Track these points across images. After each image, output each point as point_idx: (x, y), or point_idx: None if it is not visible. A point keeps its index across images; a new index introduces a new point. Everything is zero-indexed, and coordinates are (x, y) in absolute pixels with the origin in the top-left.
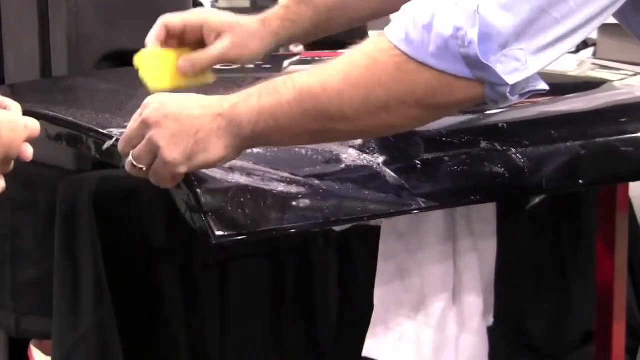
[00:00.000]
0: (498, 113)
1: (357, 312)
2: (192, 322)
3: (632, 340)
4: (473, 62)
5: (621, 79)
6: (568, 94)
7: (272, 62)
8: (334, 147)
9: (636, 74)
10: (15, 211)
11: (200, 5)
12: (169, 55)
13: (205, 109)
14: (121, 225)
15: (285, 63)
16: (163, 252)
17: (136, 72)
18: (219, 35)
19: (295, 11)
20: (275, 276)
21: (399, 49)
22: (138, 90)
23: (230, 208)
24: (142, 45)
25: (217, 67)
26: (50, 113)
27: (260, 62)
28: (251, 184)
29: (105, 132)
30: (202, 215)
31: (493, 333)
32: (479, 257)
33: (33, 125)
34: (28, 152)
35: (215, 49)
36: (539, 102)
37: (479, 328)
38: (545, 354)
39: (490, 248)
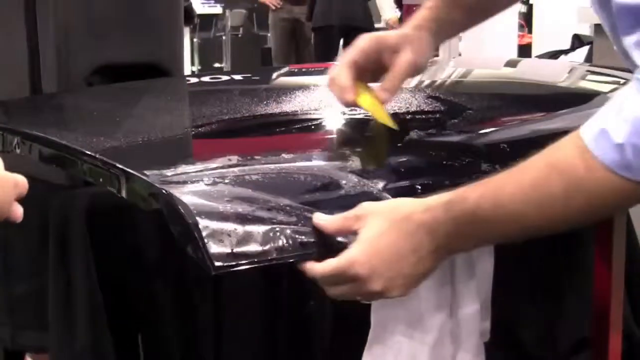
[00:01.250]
0: (493, 132)
1: (353, 329)
2: (187, 337)
3: (627, 345)
4: None
5: (613, 89)
6: (560, 108)
7: (260, 74)
8: (333, 172)
9: (627, 81)
10: (8, 226)
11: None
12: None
13: (419, 252)
14: (114, 241)
15: (274, 75)
16: (157, 268)
17: (127, 89)
18: (395, 51)
19: (444, 8)
20: (270, 292)
21: (617, 175)
22: (130, 110)
23: (229, 238)
24: (133, 59)
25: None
26: (43, 135)
27: (249, 75)
28: (250, 213)
29: (99, 157)
30: (201, 246)
31: (488, 346)
32: (477, 274)
33: (22, 184)
34: (18, 212)
35: (402, 66)
36: (533, 119)
37: (476, 345)
38: None
39: (487, 264)
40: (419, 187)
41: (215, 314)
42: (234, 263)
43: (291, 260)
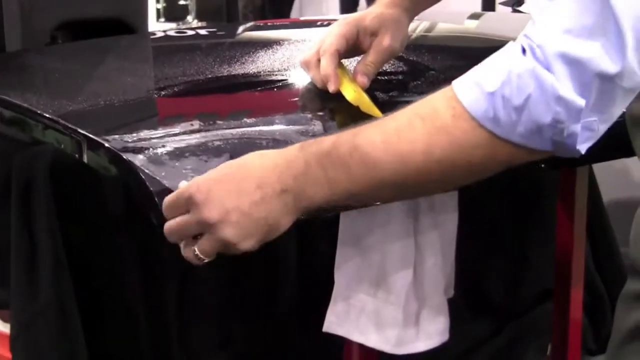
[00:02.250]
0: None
1: (317, 288)
2: (151, 293)
3: (589, 297)
4: (562, 145)
5: None
6: None
7: (226, 29)
8: (295, 137)
9: None
10: None
11: None
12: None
13: (264, 189)
14: (78, 197)
15: (240, 29)
16: (121, 224)
17: (90, 47)
18: (373, 34)
19: None
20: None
21: (484, 127)
22: (93, 71)
23: None
24: (96, 14)
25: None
26: (5, 98)
27: (214, 29)
28: None
29: (61, 121)
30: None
31: (453, 300)
32: (440, 232)
33: None
34: None
35: (380, 51)
36: None
37: (440, 303)
38: (504, 314)
39: (451, 223)
40: None
41: (180, 267)
42: None
43: None
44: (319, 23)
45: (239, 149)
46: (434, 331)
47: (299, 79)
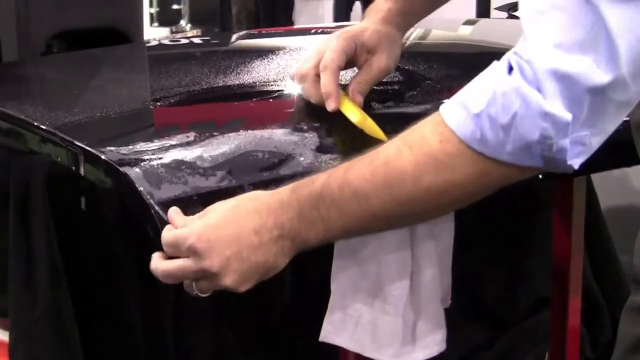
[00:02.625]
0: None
1: (313, 297)
2: (147, 301)
3: (587, 305)
4: (553, 161)
5: None
6: None
7: (219, 37)
8: (291, 149)
9: None
10: None
11: None
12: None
13: (261, 234)
14: (75, 205)
15: (233, 38)
16: (117, 232)
17: (86, 58)
18: (370, 51)
19: (410, 3)
20: None
21: (472, 149)
22: (89, 82)
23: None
24: (92, 24)
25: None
26: (2, 109)
27: (208, 38)
28: (209, 194)
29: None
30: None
31: (449, 308)
32: (437, 242)
33: None
34: None
35: (376, 70)
36: None
37: (437, 313)
38: (501, 322)
39: (447, 232)
40: None
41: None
42: None
43: None
44: (312, 31)
45: (236, 161)
46: (431, 341)
47: (295, 89)
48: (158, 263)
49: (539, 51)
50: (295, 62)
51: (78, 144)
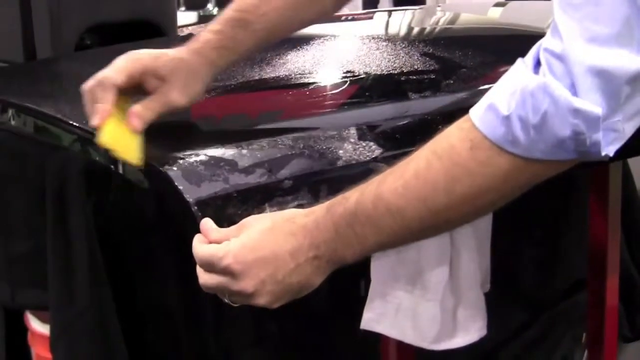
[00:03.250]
0: (485, 88)
1: (353, 285)
2: (187, 292)
3: (624, 285)
4: (587, 154)
5: None
6: None
7: None
8: (330, 143)
9: None
10: (4, 184)
11: None
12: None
13: (297, 257)
14: (112, 200)
15: None
16: (154, 224)
17: (121, 52)
18: (161, 79)
19: (232, 36)
20: None
21: (504, 151)
22: None
23: (225, 218)
24: (125, 17)
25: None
26: (39, 109)
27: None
28: (250, 192)
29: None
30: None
31: (487, 292)
32: (475, 228)
33: None
34: None
35: (163, 102)
36: None
37: (476, 298)
38: (538, 305)
39: (485, 218)
40: None
41: None
42: None
43: None
44: (342, 18)
45: (275, 157)
46: (471, 327)
47: (328, 79)
48: (199, 273)
49: (573, 46)
50: (328, 50)
51: None
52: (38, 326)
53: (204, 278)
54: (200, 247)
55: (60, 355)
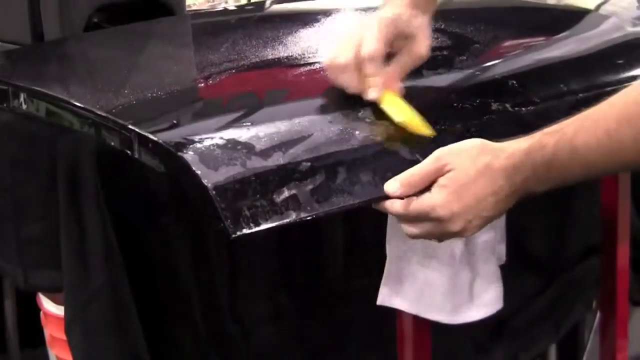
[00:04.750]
0: (498, 63)
1: (369, 260)
2: (201, 270)
3: (634, 250)
4: None
5: (602, 3)
6: (556, 31)
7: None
8: (345, 124)
9: None
10: (14, 166)
11: None
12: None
13: (497, 195)
14: (125, 181)
15: (267, 3)
16: (167, 204)
17: (131, 33)
18: (407, 37)
19: None
20: (284, 233)
21: None
22: (137, 59)
23: (247, 201)
24: None
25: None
26: (51, 93)
27: (243, 4)
28: (267, 173)
29: (111, 117)
30: (220, 211)
31: (502, 267)
32: None
33: None
34: None
35: (415, 58)
36: (532, 46)
37: (493, 271)
38: (551, 270)
39: None
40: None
41: (230, 250)
42: (251, 227)
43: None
44: None
45: (292, 138)
46: (488, 300)
47: None
48: (405, 227)
49: None
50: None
51: (132, 127)
52: (51, 307)
53: (411, 230)
54: (398, 205)
55: (75, 336)
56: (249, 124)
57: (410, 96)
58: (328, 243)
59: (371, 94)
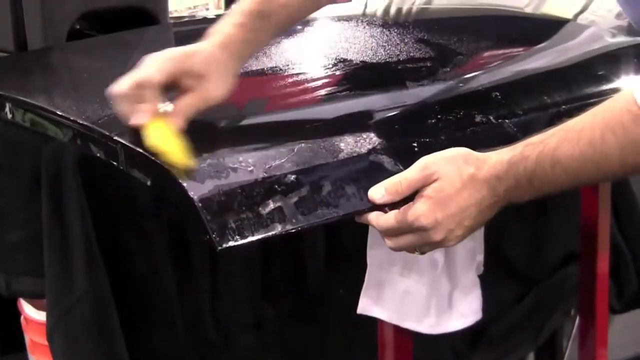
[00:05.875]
0: (480, 74)
1: (350, 269)
2: (183, 277)
3: (613, 258)
4: None
5: (580, 11)
6: (537, 41)
7: None
8: (329, 136)
9: None
10: None
11: None
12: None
13: (480, 205)
14: (107, 188)
15: None
16: (149, 210)
17: (115, 42)
18: (197, 76)
19: (254, 29)
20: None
21: None
22: (122, 70)
23: (233, 215)
24: (117, 4)
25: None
26: (36, 103)
27: (224, 13)
28: (253, 186)
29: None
30: (205, 224)
31: (480, 274)
32: None
33: None
34: None
35: (200, 96)
36: (516, 55)
37: (472, 282)
38: (528, 279)
39: None
40: (415, 146)
41: (212, 257)
42: (237, 239)
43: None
44: None
45: (276, 152)
46: (468, 310)
47: (324, 68)
48: (387, 240)
49: None
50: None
51: (117, 139)
52: (32, 312)
53: (394, 242)
54: (381, 218)
55: (58, 342)
56: (233, 135)
57: (395, 108)
58: (310, 251)
59: (133, 119)
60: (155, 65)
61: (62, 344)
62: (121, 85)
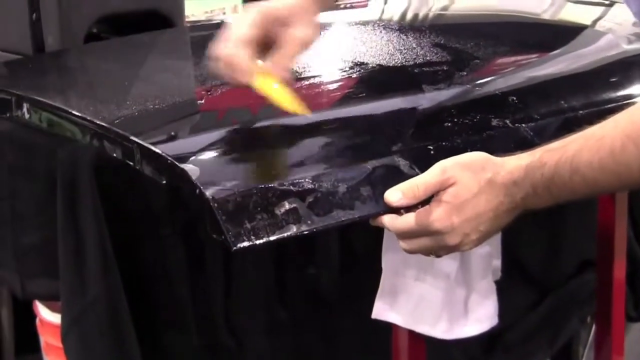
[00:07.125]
0: (496, 79)
1: (364, 274)
2: (197, 281)
3: (629, 266)
4: None
5: (597, 19)
6: (555, 47)
7: None
8: (346, 140)
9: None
10: (13, 175)
11: None
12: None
13: (497, 210)
14: (122, 191)
15: None
16: (164, 215)
17: (132, 45)
18: (284, 25)
19: None
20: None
21: None
22: (138, 71)
23: (249, 215)
24: (133, 7)
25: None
26: (53, 104)
27: None
28: (270, 186)
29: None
30: (221, 224)
31: (496, 281)
32: None
33: None
34: None
35: (295, 44)
36: (533, 60)
37: (488, 287)
38: (544, 286)
39: None
40: (432, 149)
41: (225, 262)
42: (252, 240)
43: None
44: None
45: (293, 153)
46: (483, 315)
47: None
48: (402, 243)
49: None
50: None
51: (134, 139)
52: (47, 315)
53: (409, 244)
54: (397, 221)
55: (71, 344)
56: (251, 138)
57: (411, 111)
58: (324, 255)
59: (240, 78)
60: (246, 22)
61: (76, 346)
62: (220, 49)
